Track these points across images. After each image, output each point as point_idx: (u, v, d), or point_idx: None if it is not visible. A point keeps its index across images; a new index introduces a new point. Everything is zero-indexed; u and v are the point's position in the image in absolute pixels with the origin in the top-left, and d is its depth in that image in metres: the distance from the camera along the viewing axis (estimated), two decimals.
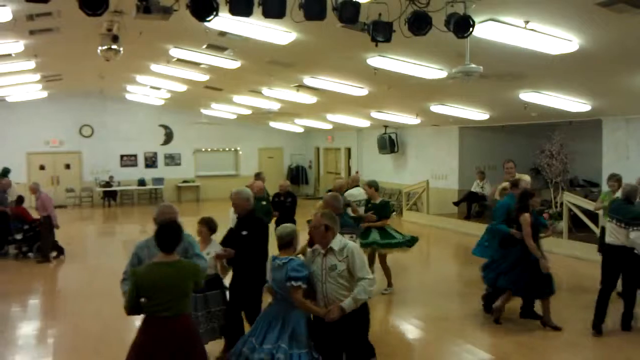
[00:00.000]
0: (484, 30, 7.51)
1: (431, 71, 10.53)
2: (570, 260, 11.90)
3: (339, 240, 4.98)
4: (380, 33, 6.61)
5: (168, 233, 4.54)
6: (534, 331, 7.62)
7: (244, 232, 6.26)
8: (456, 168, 18.00)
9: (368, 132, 22.23)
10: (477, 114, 14.94)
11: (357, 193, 9.87)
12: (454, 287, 10.61)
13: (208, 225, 6.49)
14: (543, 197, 16.07)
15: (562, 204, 13.32)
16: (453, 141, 18.10)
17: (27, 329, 8.26)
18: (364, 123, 20.34)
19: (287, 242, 5.15)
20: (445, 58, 9.54)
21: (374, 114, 17.75)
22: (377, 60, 10.23)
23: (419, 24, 6.29)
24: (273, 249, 5.51)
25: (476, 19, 6.59)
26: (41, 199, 12.63)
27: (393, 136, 20.24)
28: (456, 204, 17.17)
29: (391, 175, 21.22)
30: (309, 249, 5.34)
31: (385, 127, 20.16)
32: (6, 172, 16.06)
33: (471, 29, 6.48)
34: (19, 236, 13.16)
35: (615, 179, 9.38)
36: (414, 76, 10.85)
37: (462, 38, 6.65)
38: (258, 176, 11.07)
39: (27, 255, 13.10)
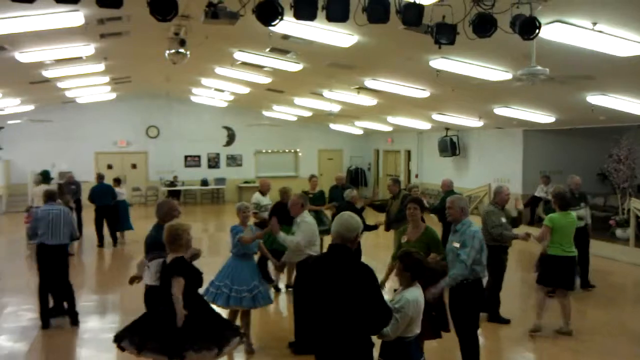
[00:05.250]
0: (551, 31, 7.37)
1: (496, 73, 10.37)
2: (636, 269, 11.51)
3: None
4: (444, 35, 6.53)
5: None
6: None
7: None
8: (520, 172, 17.60)
9: (429, 135, 22.04)
10: (543, 117, 14.61)
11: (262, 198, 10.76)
12: (518, 290, 10.42)
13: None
14: (610, 203, 15.61)
15: (629, 210, 12.89)
16: (517, 144, 17.74)
17: (94, 323, 8.58)
18: (425, 125, 20.17)
19: None
20: (511, 60, 9.39)
21: (435, 116, 17.59)
22: (440, 62, 10.15)
23: (484, 26, 6.20)
24: None
25: (542, 21, 6.47)
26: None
27: (454, 139, 20.01)
28: None
29: (452, 178, 20.83)
30: None
31: (447, 129, 19.94)
32: (46, 174, 17.15)
33: (537, 30, 6.35)
34: None
35: None
36: (477, 78, 10.72)
37: (528, 40, 6.53)
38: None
39: None
